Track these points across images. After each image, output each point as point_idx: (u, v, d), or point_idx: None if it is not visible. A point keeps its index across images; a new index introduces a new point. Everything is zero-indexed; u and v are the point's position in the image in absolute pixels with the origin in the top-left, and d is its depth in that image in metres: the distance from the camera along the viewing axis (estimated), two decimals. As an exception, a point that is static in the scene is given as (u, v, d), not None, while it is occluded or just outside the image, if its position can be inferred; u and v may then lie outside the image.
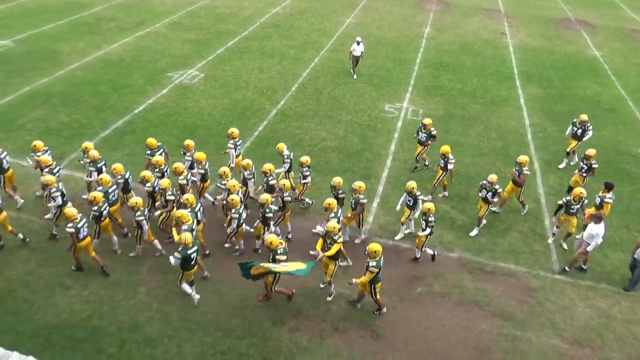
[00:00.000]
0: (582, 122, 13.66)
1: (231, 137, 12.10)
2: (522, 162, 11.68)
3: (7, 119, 14.86)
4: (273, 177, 10.75)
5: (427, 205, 10.08)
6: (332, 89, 18.40)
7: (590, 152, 12.07)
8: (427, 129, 13.16)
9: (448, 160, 11.98)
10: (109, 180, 10.16)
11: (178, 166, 10.46)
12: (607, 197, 10.93)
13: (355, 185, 10.42)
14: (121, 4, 26.60)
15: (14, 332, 8.45)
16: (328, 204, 9.85)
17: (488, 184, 10.93)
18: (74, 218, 9.11)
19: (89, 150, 10.93)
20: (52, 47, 20.31)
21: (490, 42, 24.95)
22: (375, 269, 8.59)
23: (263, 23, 25.22)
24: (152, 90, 17.30)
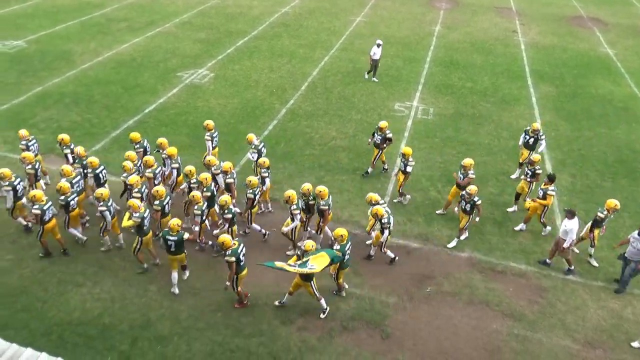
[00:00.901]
0: (535, 131, 12.83)
1: (207, 129, 12.25)
2: (466, 166, 11.22)
3: (21, 118, 15.04)
4: (230, 176, 10.74)
5: (375, 209, 9.76)
6: (342, 88, 18.38)
7: (534, 157, 11.77)
8: (383, 132, 12.63)
9: (407, 163, 11.64)
10: (71, 170, 10.36)
11: (149, 159, 10.70)
12: (550, 189, 10.96)
13: (317, 190, 10.10)
14: (132, 4, 26.81)
15: (27, 328, 8.56)
16: (288, 197, 9.85)
17: (467, 195, 10.52)
18: (40, 200, 9.35)
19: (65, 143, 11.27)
20: (65, 47, 20.53)
21: (501, 40, 24.75)
22: (339, 252, 8.82)
23: (272, 22, 25.26)
24: (162, 90, 17.41)
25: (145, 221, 9.38)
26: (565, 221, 10.07)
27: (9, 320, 8.68)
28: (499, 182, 13.40)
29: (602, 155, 15.02)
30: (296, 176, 13.04)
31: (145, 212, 9.42)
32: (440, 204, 12.35)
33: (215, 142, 12.38)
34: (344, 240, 8.92)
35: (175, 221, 9.01)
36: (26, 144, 11.35)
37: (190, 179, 10.53)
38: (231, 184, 10.71)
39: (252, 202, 10.36)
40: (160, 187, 10.06)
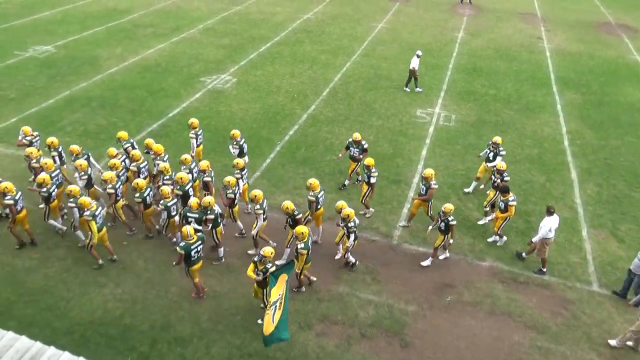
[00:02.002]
0: (494, 144, 12.24)
1: (191, 127, 12.42)
2: (428, 177, 10.84)
3: (49, 121, 15.43)
4: (207, 175, 10.87)
5: (346, 211, 9.61)
6: (363, 94, 18.37)
7: (499, 165, 11.46)
8: (358, 145, 12.24)
9: (371, 174, 11.24)
10: (52, 164, 10.88)
11: (135, 154, 11.16)
12: (510, 199, 10.64)
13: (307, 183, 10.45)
14: (158, 11, 27.31)
15: (50, 327, 8.73)
16: (254, 196, 9.89)
17: (441, 214, 9.98)
18: (11, 191, 9.79)
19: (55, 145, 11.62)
20: (92, 52, 21.01)
21: (525, 46, 24.42)
22: (304, 250, 8.99)
23: (295, 28, 25.42)
24: (186, 95, 17.66)
25: (97, 218, 9.54)
26: (545, 219, 10.20)
27: (34, 319, 8.87)
28: (522, 190, 13.17)
29: (631, 165, 14.65)
30: (316, 181, 13.03)
31: (97, 210, 9.58)
32: (461, 211, 12.21)
33: (199, 140, 12.61)
34: (305, 238, 9.05)
35: (195, 200, 9.71)
36: (30, 139, 11.88)
37: (164, 175, 10.81)
38: (209, 182, 10.86)
39: (232, 201, 10.45)
40: (140, 180, 10.38)
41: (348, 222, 9.65)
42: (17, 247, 10.37)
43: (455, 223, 10.09)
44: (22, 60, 19.95)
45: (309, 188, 10.42)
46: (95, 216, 9.53)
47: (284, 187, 12.80)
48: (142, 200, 10.27)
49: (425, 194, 10.98)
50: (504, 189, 10.75)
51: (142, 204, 10.31)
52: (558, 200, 12.87)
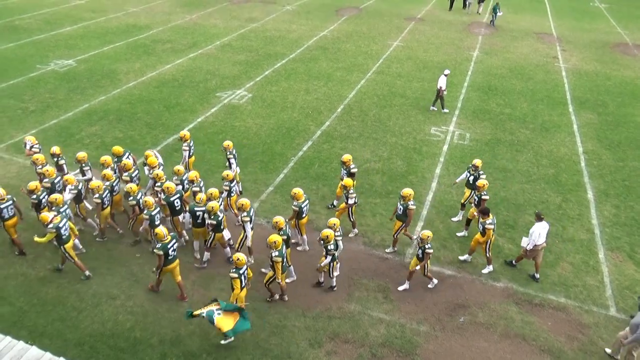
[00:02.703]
0: (475, 167, 11.87)
1: (183, 139, 12.58)
2: (405, 196, 10.55)
3: (68, 133, 15.70)
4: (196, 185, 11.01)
5: (324, 232, 9.42)
6: (378, 111, 18.41)
7: (481, 183, 11.21)
8: (347, 166, 11.84)
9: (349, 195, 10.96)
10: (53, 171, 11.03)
11: (127, 163, 11.38)
12: (488, 222, 10.27)
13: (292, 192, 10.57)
14: (176, 27, 27.85)
15: (62, 338, 8.75)
16: (241, 204, 9.92)
17: (419, 241, 9.65)
18: (1, 198, 10.02)
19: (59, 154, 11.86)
20: (111, 66, 21.44)
21: (541, 66, 24.34)
22: (278, 257, 9.00)
23: (310, 46, 25.69)
24: (201, 109, 17.87)
25: (62, 230, 9.55)
26: (535, 225, 10.24)
27: (45, 329, 8.91)
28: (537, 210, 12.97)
29: (649, 187, 14.40)
30: (329, 198, 13.02)
31: (60, 222, 9.57)
32: (475, 230, 12.04)
33: (191, 151, 12.79)
34: (279, 246, 9.05)
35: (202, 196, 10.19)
36: (39, 147, 12.25)
37: (156, 182, 11.01)
38: (197, 192, 10.89)
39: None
40: (132, 184, 10.55)
41: (327, 242, 9.46)
42: (17, 254, 10.58)
43: (432, 251, 9.72)
44: (44, 74, 20.42)
45: (293, 197, 10.51)
46: (59, 228, 9.50)
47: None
48: (136, 202, 10.48)
49: (402, 214, 10.70)
50: (483, 210, 10.36)
51: (137, 206, 10.50)
52: (574, 221, 12.67)
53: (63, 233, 9.56)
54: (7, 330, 8.13)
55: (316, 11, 32.96)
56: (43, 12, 29.78)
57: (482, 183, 11.14)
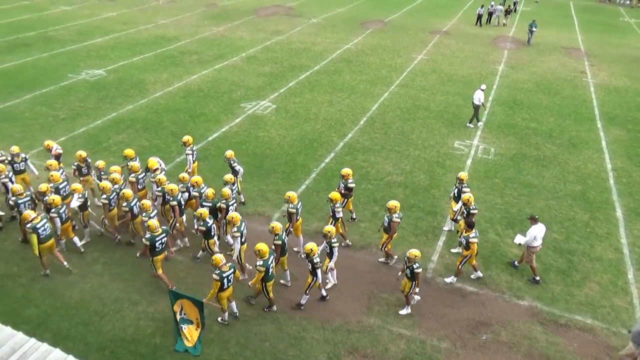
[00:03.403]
0: (460, 180, 11.65)
1: (187, 144, 12.79)
2: (391, 208, 10.43)
3: (96, 140, 16.09)
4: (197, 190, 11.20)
5: (308, 246, 9.30)
6: (401, 123, 18.34)
7: (465, 197, 10.99)
8: (345, 180, 11.75)
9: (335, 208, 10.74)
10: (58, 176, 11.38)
11: (134, 165, 11.78)
12: (471, 236, 10.04)
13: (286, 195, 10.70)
14: (203, 39, 28.40)
15: (84, 342, 8.88)
16: (231, 217, 9.95)
17: (407, 260, 9.33)
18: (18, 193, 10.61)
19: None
20: (140, 76, 21.95)
21: (569, 81, 23.95)
22: (262, 267, 9.01)
23: (334, 58, 25.85)
24: (226, 120, 18.10)
25: (39, 230, 9.79)
26: (531, 227, 10.50)
27: (69, 332, 9.05)
28: (564, 228, 12.70)
29: (681, 206, 13.93)
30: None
31: (39, 222, 9.84)
32: (499, 247, 11.86)
33: (194, 156, 12.97)
34: (265, 255, 9.09)
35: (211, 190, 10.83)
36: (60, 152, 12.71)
37: (158, 186, 11.21)
38: (197, 197, 11.21)
39: (227, 212, 10.72)
40: (126, 190, 10.78)
41: (312, 257, 9.35)
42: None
43: (421, 271, 9.32)
44: (75, 83, 21.03)
45: (287, 201, 10.66)
46: (37, 229, 9.76)
47: (319, 213, 12.78)
48: (129, 209, 10.73)
49: (387, 226, 10.59)
50: (469, 223, 10.25)
51: (130, 212, 10.78)
52: (602, 239, 12.32)
53: (41, 233, 9.86)
54: (32, 332, 8.28)
55: (341, 24, 33.21)
56: (76, 23, 30.77)
57: (466, 197, 10.99)
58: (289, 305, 9.84)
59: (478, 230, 12.33)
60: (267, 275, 9.20)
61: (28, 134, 16.34)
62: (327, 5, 39.49)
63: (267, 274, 9.18)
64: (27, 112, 18.08)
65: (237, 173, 12.42)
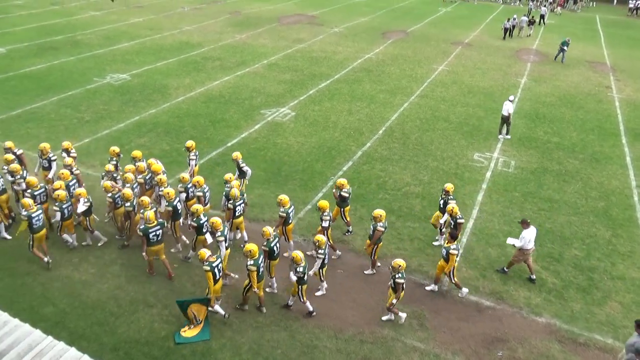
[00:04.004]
0: (446, 192, 11.56)
1: (191, 149, 13.01)
2: (376, 217, 10.38)
3: (118, 143, 16.29)
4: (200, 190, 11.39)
5: (295, 253, 9.31)
6: (420, 134, 18.24)
7: (449, 208, 10.90)
8: (340, 189, 11.72)
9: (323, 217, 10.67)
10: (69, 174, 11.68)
11: (140, 165, 12.12)
12: (452, 247, 9.90)
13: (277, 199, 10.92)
14: (226, 46, 28.76)
15: (98, 342, 8.98)
16: (212, 222, 10.02)
17: (391, 269, 9.22)
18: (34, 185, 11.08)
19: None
20: (163, 81, 22.31)
21: (593, 95, 23.55)
22: (253, 267, 9.15)
23: (355, 67, 25.90)
24: (245, 126, 18.25)
25: (33, 220, 10.21)
26: (523, 231, 10.67)
27: (85, 332, 9.17)
28: (585, 245, 12.43)
29: None
30: (366, 220, 12.92)
31: (35, 212, 10.25)
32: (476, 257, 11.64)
33: (196, 161, 13.21)
34: (255, 255, 9.19)
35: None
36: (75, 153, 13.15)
37: (159, 187, 11.41)
38: (200, 197, 11.41)
39: (234, 212, 11.02)
40: (127, 190, 10.92)
41: (296, 265, 9.31)
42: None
43: (403, 282, 9.15)
44: (100, 86, 21.48)
45: (279, 204, 10.76)
46: (32, 218, 10.21)
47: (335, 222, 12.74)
48: (132, 208, 10.98)
49: (372, 234, 10.56)
50: (452, 235, 10.13)
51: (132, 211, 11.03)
52: (625, 258, 12.02)
53: (34, 223, 10.27)
54: (50, 330, 8.40)
55: (363, 34, 33.30)
56: (104, 28, 31.49)
57: (450, 207, 10.92)
58: (302, 312, 9.81)
59: (497, 244, 12.19)
60: (257, 275, 9.34)
61: (53, 134, 16.70)
62: (350, 14, 39.67)
63: (258, 273, 9.32)
64: (53, 114, 18.52)
65: (244, 175, 12.67)
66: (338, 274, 10.98)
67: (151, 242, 10.11)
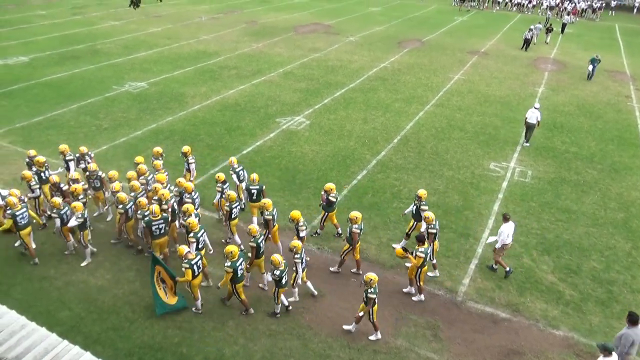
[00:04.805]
0: (419, 198, 11.45)
1: (188, 154, 13.32)
2: (352, 218, 10.43)
3: (135, 150, 16.58)
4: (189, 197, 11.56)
5: (274, 257, 9.45)
6: (435, 143, 18.15)
7: (426, 214, 10.76)
8: (328, 193, 11.77)
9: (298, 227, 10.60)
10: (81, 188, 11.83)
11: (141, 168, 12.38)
12: (420, 250, 9.81)
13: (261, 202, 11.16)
14: (243, 55, 29.05)
15: (113, 347, 9.05)
16: (188, 224, 10.17)
17: (362, 283, 9.07)
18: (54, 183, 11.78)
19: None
20: (180, 90, 22.61)
21: (612, 105, 23.21)
22: (229, 268, 9.29)
23: (370, 76, 25.94)
24: (260, 134, 18.36)
25: (17, 218, 10.65)
26: (502, 226, 10.92)
27: (99, 337, 9.26)
28: (603, 257, 12.18)
29: None
30: (381, 228, 12.87)
31: (19, 210, 10.69)
32: (534, 272, 11.47)
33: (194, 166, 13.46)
34: (234, 257, 9.35)
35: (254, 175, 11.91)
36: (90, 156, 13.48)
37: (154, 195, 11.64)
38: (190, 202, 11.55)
39: (230, 214, 11.34)
40: (121, 194, 11.13)
41: (274, 268, 9.44)
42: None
43: (374, 297, 8.94)
44: (118, 94, 21.85)
45: (263, 208, 10.93)
46: (16, 216, 10.64)
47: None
48: (124, 211, 11.13)
49: (349, 236, 10.63)
50: (419, 238, 10.06)
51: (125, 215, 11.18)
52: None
53: (19, 220, 10.67)
54: (65, 334, 8.49)
55: (378, 43, 33.37)
56: (123, 37, 32.08)
57: (427, 215, 10.81)
58: (315, 321, 9.77)
59: (513, 254, 12.02)
60: (236, 277, 9.48)
61: (72, 141, 16.96)
62: (365, 24, 39.81)
63: (236, 275, 9.45)
64: (73, 121, 18.87)
65: (240, 178, 12.98)
66: (352, 283, 10.92)
67: (154, 235, 10.44)
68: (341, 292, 10.61)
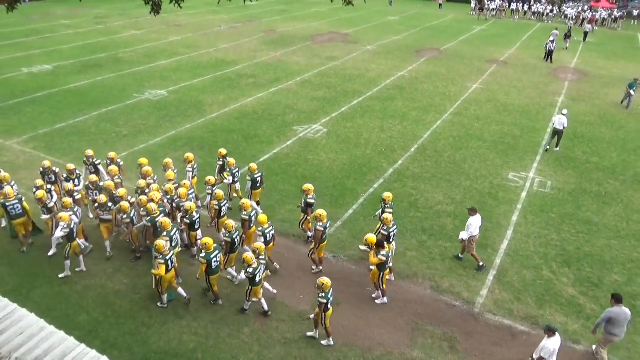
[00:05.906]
0: (383, 200, 11.58)
1: (187, 161, 13.52)
2: (317, 216, 10.79)
3: (154, 156, 16.76)
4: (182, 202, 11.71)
5: (244, 255, 9.60)
6: (453, 152, 18.01)
7: (384, 216, 10.80)
8: (306, 195, 11.85)
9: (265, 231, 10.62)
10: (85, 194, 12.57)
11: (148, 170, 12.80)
12: (382, 253, 9.91)
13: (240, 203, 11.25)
14: (261, 63, 29.31)
15: (130, 351, 9.12)
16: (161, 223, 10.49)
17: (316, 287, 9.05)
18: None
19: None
20: (198, 98, 22.88)
21: (634, 115, 22.78)
22: (203, 259, 9.65)
23: (388, 85, 25.92)
24: (277, 142, 18.46)
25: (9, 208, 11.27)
26: (470, 218, 11.21)
27: (116, 341, 9.34)
28: (625, 270, 11.90)
29: None
30: (397, 237, 12.77)
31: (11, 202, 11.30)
32: (554, 285, 11.25)
33: (194, 173, 13.58)
34: (209, 249, 9.66)
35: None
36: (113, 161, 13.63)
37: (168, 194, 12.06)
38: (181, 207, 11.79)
39: (219, 212, 11.62)
40: (124, 203, 11.29)
41: (247, 266, 9.55)
42: None
43: (324, 302, 8.94)
44: (138, 102, 22.20)
45: (241, 208, 11.10)
46: (6, 206, 11.23)
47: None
48: (130, 220, 11.31)
49: (313, 233, 11.05)
50: (378, 243, 10.00)
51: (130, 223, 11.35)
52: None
53: (10, 211, 11.31)
54: (83, 338, 8.58)
55: (396, 51, 33.38)
56: (144, 46, 32.66)
57: (385, 216, 10.84)
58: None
59: (532, 266, 11.81)
60: (210, 269, 9.81)
61: (93, 148, 17.22)
62: (383, 32, 39.88)
63: (210, 267, 9.77)
64: (94, 128, 19.22)
65: (234, 179, 13.41)
66: (367, 292, 10.85)
67: (158, 232, 10.68)
68: (356, 301, 10.54)
